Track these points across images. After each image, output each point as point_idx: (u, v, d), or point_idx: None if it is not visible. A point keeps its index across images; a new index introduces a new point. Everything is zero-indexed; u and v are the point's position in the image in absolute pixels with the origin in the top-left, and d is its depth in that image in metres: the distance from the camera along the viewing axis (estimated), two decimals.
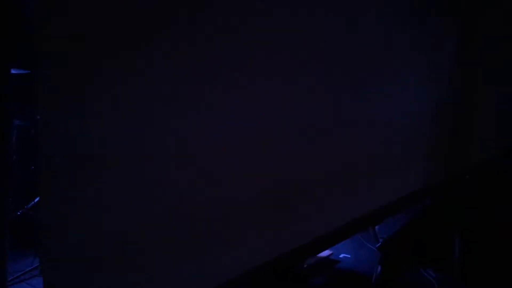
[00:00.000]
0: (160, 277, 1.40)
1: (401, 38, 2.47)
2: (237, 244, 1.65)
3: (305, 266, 3.46)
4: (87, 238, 1.24)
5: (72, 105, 1.17)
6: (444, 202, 3.31)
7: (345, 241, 4.01)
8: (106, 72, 1.23)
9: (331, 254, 3.73)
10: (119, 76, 1.26)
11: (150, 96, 1.33)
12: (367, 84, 2.24)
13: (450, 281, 3.26)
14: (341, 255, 3.76)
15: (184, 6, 1.37)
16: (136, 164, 1.31)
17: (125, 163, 1.29)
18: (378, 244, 3.47)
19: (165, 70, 1.36)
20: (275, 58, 1.72)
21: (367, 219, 2.38)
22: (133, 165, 1.31)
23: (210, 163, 1.51)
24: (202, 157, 1.48)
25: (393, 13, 2.38)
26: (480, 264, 3.22)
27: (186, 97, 1.43)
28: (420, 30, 2.63)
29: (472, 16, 3.07)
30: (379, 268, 3.17)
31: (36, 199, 3.43)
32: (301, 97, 1.87)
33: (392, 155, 2.52)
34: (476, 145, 3.35)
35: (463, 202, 3.32)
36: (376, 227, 3.60)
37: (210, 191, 1.52)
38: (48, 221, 1.17)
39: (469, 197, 3.33)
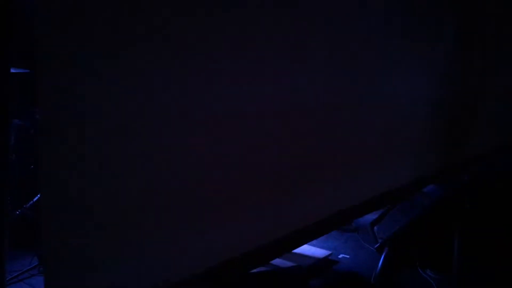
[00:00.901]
0: (156, 263, 1.41)
1: (401, 35, 2.48)
2: (232, 225, 1.66)
3: (303, 266, 3.47)
4: (87, 236, 1.24)
5: (72, 105, 1.17)
6: (443, 202, 3.32)
7: (344, 242, 4.02)
8: (106, 72, 1.23)
9: (330, 254, 3.74)
10: (119, 76, 1.26)
11: (151, 96, 1.33)
12: (366, 76, 2.24)
13: (449, 282, 3.27)
14: (340, 256, 3.77)
15: None
16: (136, 161, 1.32)
17: (125, 162, 1.29)
18: (377, 245, 3.48)
19: (166, 67, 1.36)
20: (279, 44, 1.73)
21: (362, 208, 2.39)
22: (134, 163, 1.31)
23: (208, 140, 1.52)
24: (199, 134, 1.49)
25: (395, 7, 2.39)
26: (479, 264, 3.23)
27: (188, 76, 1.43)
28: (420, 24, 2.63)
29: (472, 12, 3.08)
30: (378, 268, 3.18)
31: (35, 199, 3.44)
32: (304, 84, 1.87)
33: (388, 147, 2.53)
34: (474, 140, 3.36)
35: (462, 202, 3.32)
36: (375, 227, 3.61)
37: (204, 169, 1.53)
38: (48, 220, 1.17)
39: (468, 197, 3.34)
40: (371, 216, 3.66)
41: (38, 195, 3.32)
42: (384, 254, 3.24)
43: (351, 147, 2.23)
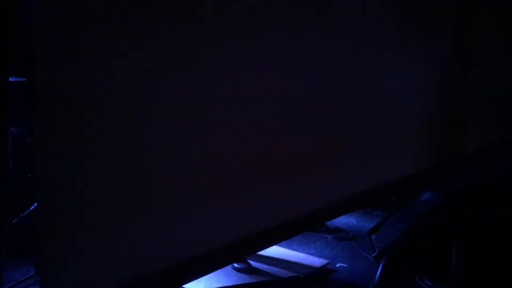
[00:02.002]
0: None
1: (401, 34, 2.50)
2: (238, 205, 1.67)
3: (301, 276, 3.46)
4: (87, 242, 1.24)
5: (71, 109, 1.18)
6: (441, 211, 3.32)
7: (341, 250, 4.01)
8: (105, 77, 1.24)
9: (328, 263, 3.72)
10: (118, 81, 1.27)
11: (152, 99, 1.34)
12: (365, 75, 2.26)
13: None
14: (338, 265, 3.76)
15: None
16: (135, 166, 1.32)
17: (125, 165, 1.30)
18: (375, 254, 3.48)
19: (164, 67, 1.37)
20: (278, 42, 1.75)
21: (358, 199, 2.40)
22: (133, 167, 1.32)
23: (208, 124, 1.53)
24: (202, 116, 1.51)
25: (396, 7, 2.42)
26: (477, 273, 3.22)
27: (194, 65, 1.45)
28: (420, 24, 2.65)
29: (472, 12, 3.11)
30: (376, 277, 3.17)
31: (32, 207, 3.42)
32: (305, 74, 1.89)
33: (386, 145, 2.54)
34: (473, 140, 3.37)
35: (460, 211, 3.32)
36: (373, 236, 3.61)
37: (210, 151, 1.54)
38: (46, 228, 1.17)
39: (467, 206, 3.34)
40: (368, 225, 3.66)
41: (35, 204, 3.31)
42: (381, 263, 3.23)
43: (351, 143, 2.25)
